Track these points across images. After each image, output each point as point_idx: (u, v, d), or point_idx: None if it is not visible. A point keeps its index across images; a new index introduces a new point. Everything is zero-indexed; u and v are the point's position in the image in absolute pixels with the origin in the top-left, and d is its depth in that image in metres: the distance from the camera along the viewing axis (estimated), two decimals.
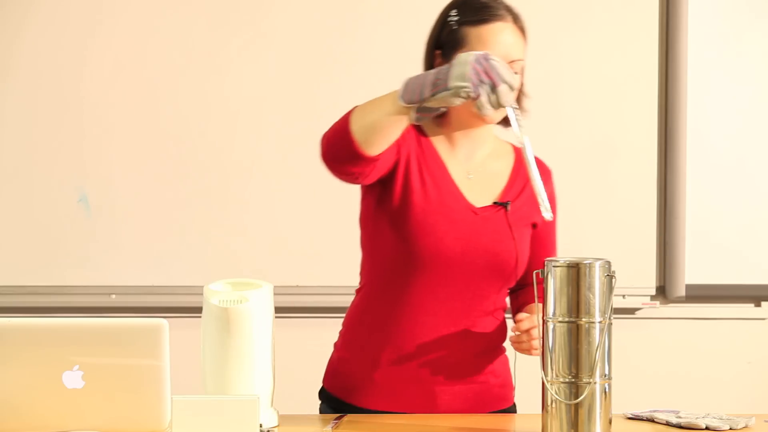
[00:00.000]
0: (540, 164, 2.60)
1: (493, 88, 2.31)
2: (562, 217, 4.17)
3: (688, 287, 4.19)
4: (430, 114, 2.42)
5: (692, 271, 4.20)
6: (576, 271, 2.25)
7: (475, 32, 2.54)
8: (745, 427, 2.42)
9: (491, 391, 2.63)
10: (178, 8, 4.17)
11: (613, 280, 2.27)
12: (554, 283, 2.26)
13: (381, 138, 2.39)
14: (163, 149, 4.17)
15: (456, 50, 2.52)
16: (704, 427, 2.39)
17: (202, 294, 2.40)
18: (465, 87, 2.29)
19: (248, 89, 4.17)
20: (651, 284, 4.21)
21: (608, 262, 2.28)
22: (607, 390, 2.28)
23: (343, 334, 2.67)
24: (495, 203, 2.59)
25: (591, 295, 2.25)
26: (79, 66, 4.17)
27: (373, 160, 2.41)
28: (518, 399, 2.85)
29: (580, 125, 4.21)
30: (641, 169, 4.20)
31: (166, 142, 4.17)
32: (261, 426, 2.30)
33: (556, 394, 2.26)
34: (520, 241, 2.59)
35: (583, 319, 2.25)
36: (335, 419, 2.47)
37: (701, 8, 4.18)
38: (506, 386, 2.68)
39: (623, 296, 4.18)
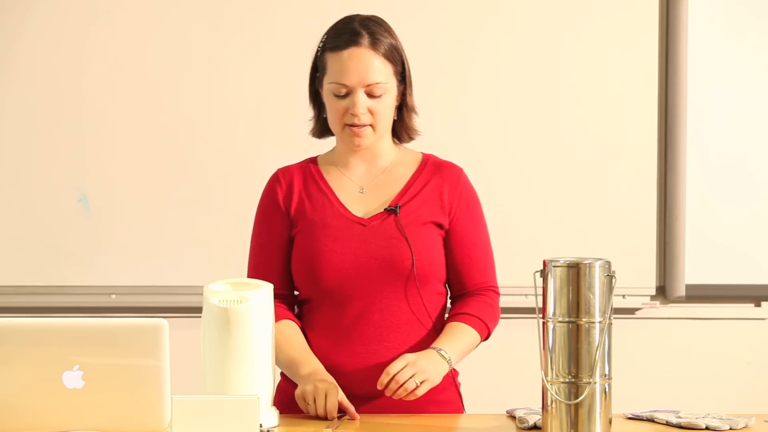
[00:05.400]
0: (448, 165, 2.72)
1: None
2: (563, 217, 4.20)
3: (688, 287, 4.19)
4: None
5: (692, 271, 4.20)
6: (576, 271, 2.25)
7: (331, 57, 2.65)
8: (745, 427, 2.42)
9: (418, 406, 2.60)
10: (178, 8, 4.17)
11: (613, 280, 2.27)
12: (554, 283, 2.27)
13: None
14: (163, 149, 4.17)
15: (323, 75, 2.66)
16: (704, 427, 2.39)
17: (202, 294, 2.40)
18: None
19: (249, 89, 4.17)
20: (651, 284, 4.21)
21: (608, 262, 2.28)
22: (607, 390, 2.28)
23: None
24: (385, 210, 2.66)
25: (591, 295, 2.25)
26: (79, 66, 4.17)
27: None
28: (518, 399, 2.85)
29: (580, 125, 4.21)
30: (641, 169, 4.20)
31: (166, 142, 4.17)
32: (261, 426, 2.30)
33: (556, 394, 2.26)
34: (417, 241, 2.63)
35: (583, 319, 2.25)
36: (336, 418, 2.47)
37: (701, 8, 4.18)
38: (442, 404, 2.67)
39: (623, 296, 4.18)
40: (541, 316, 2.30)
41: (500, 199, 4.16)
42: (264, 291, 2.40)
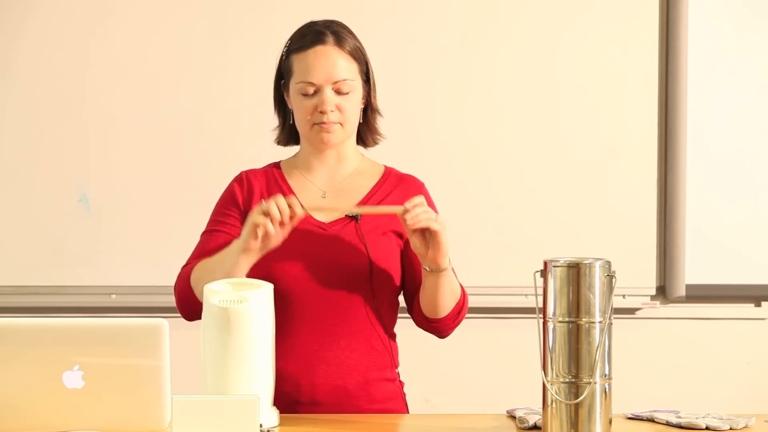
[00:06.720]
0: (410, 177, 2.73)
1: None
2: (563, 217, 4.20)
3: (688, 287, 4.19)
4: None
5: (692, 271, 4.20)
6: (576, 271, 2.25)
7: (297, 58, 2.68)
8: (745, 427, 2.42)
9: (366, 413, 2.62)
10: (180, 8, 4.17)
11: (613, 280, 2.27)
12: (554, 283, 2.27)
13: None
14: (163, 149, 4.18)
15: (289, 78, 2.69)
16: (704, 427, 2.39)
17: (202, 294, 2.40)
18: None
19: (250, 90, 4.17)
20: (651, 284, 4.21)
21: (608, 262, 2.28)
22: (607, 390, 2.28)
23: None
24: (347, 216, 2.66)
25: (591, 295, 2.25)
26: (80, 66, 4.17)
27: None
28: (518, 399, 2.85)
29: (580, 125, 4.21)
30: (641, 169, 4.20)
31: (166, 142, 4.18)
32: (261, 426, 2.30)
33: (556, 394, 2.26)
34: (375, 249, 2.64)
35: (583, 319, 2.25)
36: None
37: (701, 8, 4.18)
38: (391, 412, 2.66)
39: (623, 296, 4.18)
40: (541, 316, 2.30)
41: (500, 198, 4.16)
42: (264, 291, 2.40)
